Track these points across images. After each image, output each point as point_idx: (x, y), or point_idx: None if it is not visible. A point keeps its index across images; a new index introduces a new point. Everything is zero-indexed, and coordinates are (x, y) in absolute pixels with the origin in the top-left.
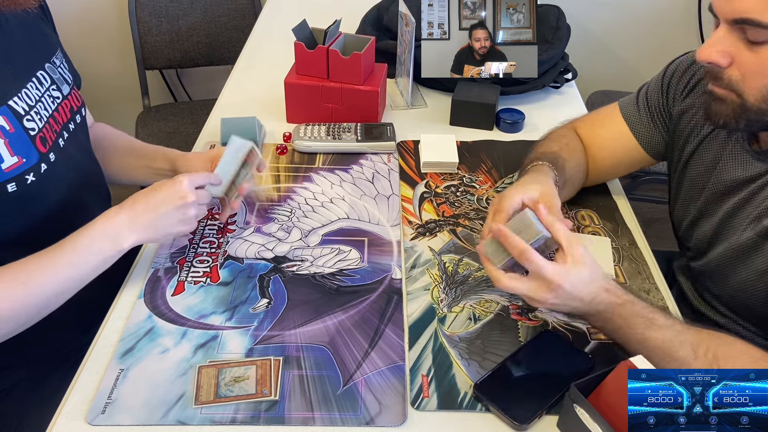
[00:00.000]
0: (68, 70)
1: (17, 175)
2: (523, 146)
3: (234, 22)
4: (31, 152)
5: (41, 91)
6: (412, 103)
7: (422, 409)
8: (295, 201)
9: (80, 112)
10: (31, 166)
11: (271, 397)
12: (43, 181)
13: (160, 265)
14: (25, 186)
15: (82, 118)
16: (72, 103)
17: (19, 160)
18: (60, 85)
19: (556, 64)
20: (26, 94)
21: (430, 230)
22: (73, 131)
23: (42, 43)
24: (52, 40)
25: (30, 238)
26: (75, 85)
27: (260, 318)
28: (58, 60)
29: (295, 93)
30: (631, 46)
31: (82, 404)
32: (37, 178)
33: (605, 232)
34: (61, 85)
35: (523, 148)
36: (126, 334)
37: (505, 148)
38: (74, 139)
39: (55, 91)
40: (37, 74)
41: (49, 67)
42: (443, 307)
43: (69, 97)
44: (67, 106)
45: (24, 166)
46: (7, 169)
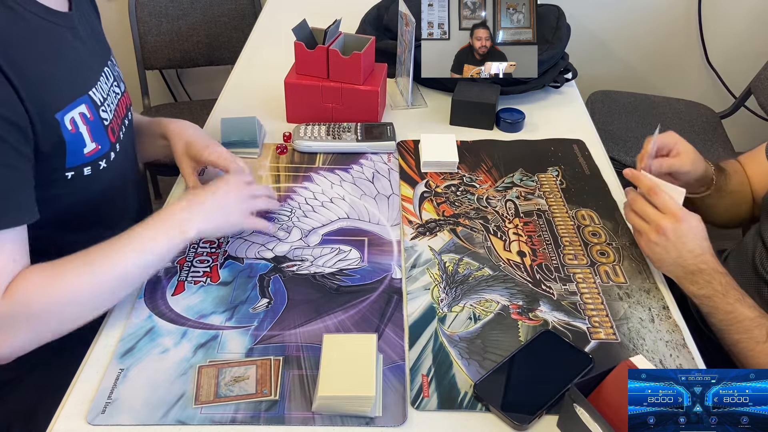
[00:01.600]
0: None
1: (93, 160)
2: (523, 146)
3: (234, 22)
4: (105, 140)
5: (108, 86)
6: (412, 103)
7: (422, 409)
8: (295, 201)
9: (130, 109)
10: (104, 153)
11: (271, 397)
12: (110, 168)
13: None
14: (97, 171)
15: (132, 115)
16: (126, 101)
17: (96, 146)
18: (119, 83)
19: (556, 64)
20: (100, 87)
21: (431, 230)
22: (128, 126)
23: (102, 42)
24: (106, 41)
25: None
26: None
27: (260, 318)
28: (114, 60)
29: (295, 93)
30: (631, 46)
31: (82, 404)
32: (107, 165)
33: (605, 232)
34: (119, 83)
35: (523, 148)
36: (126, 334)
37: (505, 147)
38: (129, 132)
39: (116, 88)
40: (104, 70)
41: (110, 64)
42: (443, 307)
43: (125, 94)
44: (123, 103)
45: (100, 152)
46: (87, 154)
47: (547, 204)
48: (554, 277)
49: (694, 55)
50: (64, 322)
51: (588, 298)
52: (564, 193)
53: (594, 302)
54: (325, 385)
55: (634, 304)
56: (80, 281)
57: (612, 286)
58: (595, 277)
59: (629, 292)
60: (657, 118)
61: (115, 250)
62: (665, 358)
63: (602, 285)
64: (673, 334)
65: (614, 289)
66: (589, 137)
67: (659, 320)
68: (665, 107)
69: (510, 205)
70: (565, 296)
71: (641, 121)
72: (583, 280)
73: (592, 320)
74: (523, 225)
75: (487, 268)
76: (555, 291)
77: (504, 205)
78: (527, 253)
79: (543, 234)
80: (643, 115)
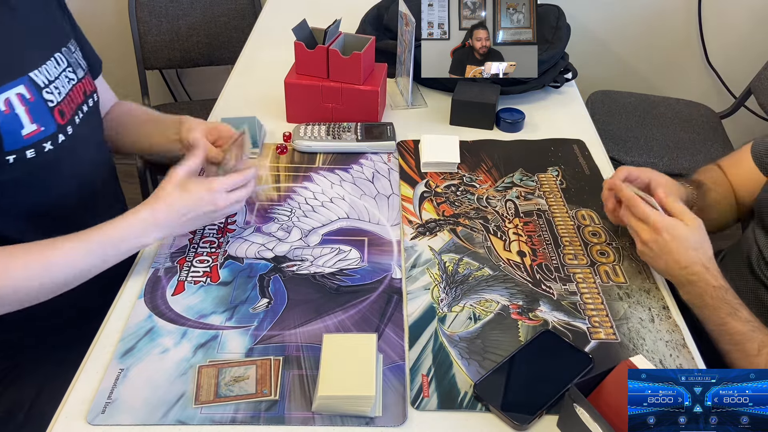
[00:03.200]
0: (83, 57)
1: (35, 142)
2: (523, 146)
3: (234, 22)
4: (50, 122)
5: (59, 70)
6: (412, 103)
7: (422, 409)
8: (295, 201)
9: (93, 96)
10: (49, 135)
11: (271, 397)
12: (60, 152)
13: (160, 264)
14: (42, 154)
15: (94, 102)
16: (85, 87)
17: (38, 128)
18: (75, 69)
19: (556, 64)
20: (46, 69)
21: (430, 230)
22: (87, 113)
23: (57, 29)
24: (66, 28)
25: (45, 210)
26: (92, 73)
27: (260, 318)
28: (73, 47)
29: (295, 93)
30: (631, 46)
31: (82, 404)
32: (54, 147)
33: (605, 232)
34: (76, 69)
35: (523, 148)
36: (126, 334)
37: (505, 147)
38: (88, 120)
39: (71, 73)
40: (54, 55)
41: (65, 50)
42: (443, 307)
43: (83, 81)
44: (80, 89)
45: (42, 134)
46: (26, 136)
47: (547, 204)
48: (554, 277)
49: (694, 55)
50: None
51: (588, 298)
52: (564, 193)
53: (594, 302)
54: (325, 385)
55: (634, 304)
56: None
57: (612, 286)
58: (595, 277)
59: (629, 292)
60: (657, 118)
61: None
62: (665, 358)
63: (602, 285)
64: (673, 334)
65: (614, 289)
66: (589, 137)
67: (659, 320)
68: (665, 107)
69: (510, 205)
70: (565, 296)
71: (641, 121)
72: (583, 280)
73: (592, 320)
74: (523, 225)
75: (487, 268)
76: (555, 291)
77: (504, 205)
78: (527, 253)
79: (543, 234)
80: (643, 115)
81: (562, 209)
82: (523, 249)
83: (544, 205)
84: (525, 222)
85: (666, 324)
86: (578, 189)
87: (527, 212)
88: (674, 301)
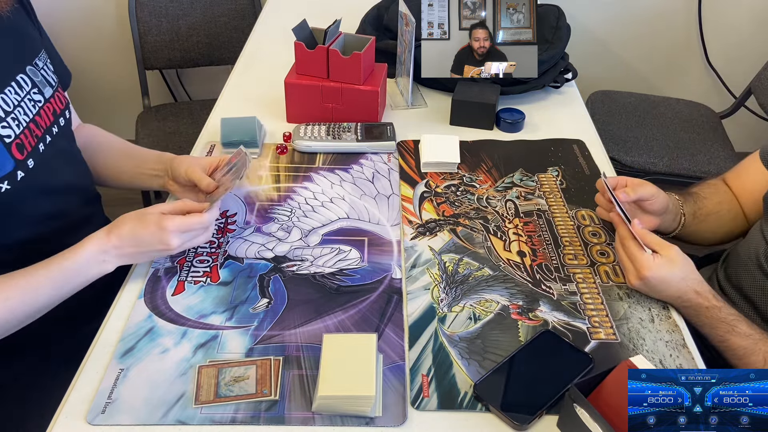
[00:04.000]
0: (53, 71)
1: None
2: (523, 146)
3: (234, 22)
4: (6, 160)
5: (21, 96)
6: (412, 103)
7: (422, 409)
8: (295, 201)
9: (64, 114)
10: (5, 174)
11: (271, 397)
12: (21, 189)
13: (160, 264)
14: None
15: (66, 121)
16: (55, 106)
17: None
18: (42, 88)
19: (556, 64)
20: (2, 99)
21: (430, 230)
22: (56, 135)
23: (22, 46)
24: (35, 41)
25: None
26: (62, 84)
27: (260, 318)
28: (41, 62)
29: (295, 93)
30: (631, 46)
31: (82, 404)
32: (12, 186)
33: (605, 232)
34: (43, 88)
35: (523, 148)
36: (126, 334)
37: (505, 147)
38: (57, 143)
39: (37, 95)
40: (16, 78)
41: (30, 69)
42: (443, 307)
43: (51, 100)
44: (49, 110)
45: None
46: None
47: (547, 204)
48: (554, 277)
49: (694, 55)
50: None
51: (588, 298)
52: (564, 193)
53: (594, 302)
54: (325, 385)
55: (634, 304)
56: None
57: (612, 286)
58: (595, 277)
59: (629, 292)
60: (657, 118)
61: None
62: (665, 358)
63: (602, 285)
64: (673, 334)
65: (614, 289)
66: (589, 137)
67: (659, 320)
68: (665, 107)
69: (510, 205)
70: (565, 296)
71: (641, 121)
72: (583, 280)
73: (592, 320)
74: (523, 225)
75: (487, 268)
76: (555, 291)
77: (504, 205)
78: (527, 253)
79: (543, 234)
80: (643, 115)
81: (562, 209)
82: (523, 249)
83: (544, 205)
84: (525, 222)
85: (666, 324)
86: (578, 189)
87: (527, 212)
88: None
